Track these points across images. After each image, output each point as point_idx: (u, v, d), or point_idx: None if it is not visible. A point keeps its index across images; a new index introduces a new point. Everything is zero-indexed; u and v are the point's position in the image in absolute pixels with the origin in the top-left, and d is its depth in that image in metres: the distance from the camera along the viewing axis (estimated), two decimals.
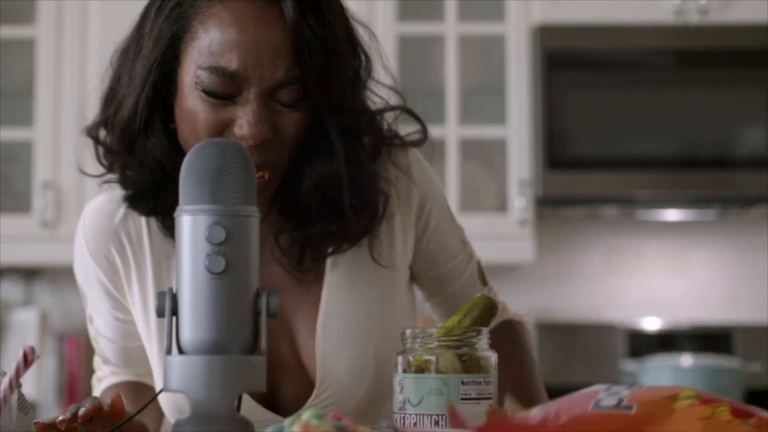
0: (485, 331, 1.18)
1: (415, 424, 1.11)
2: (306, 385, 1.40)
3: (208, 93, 1.28)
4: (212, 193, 1.03)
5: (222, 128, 1.29)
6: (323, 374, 1.38)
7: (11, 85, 3.47)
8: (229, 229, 1.02)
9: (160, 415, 1.49)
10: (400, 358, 1.16)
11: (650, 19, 3.32)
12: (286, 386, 1.41)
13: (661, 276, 3.59)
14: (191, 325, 1.03)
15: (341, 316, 1.39)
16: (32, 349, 1.03)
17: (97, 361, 1.61)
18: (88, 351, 3.80)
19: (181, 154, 1.30)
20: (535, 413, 1.02)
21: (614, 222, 3.60)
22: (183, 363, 1.02)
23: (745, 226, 3.66)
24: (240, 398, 1.06)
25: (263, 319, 1.04)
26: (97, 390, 1.59)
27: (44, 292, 3.64)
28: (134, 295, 1.42)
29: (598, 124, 3.25)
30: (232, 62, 1.26)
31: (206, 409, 1.01)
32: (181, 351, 1.04)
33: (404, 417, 1.13)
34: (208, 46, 1.28)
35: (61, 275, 3.62)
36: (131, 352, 1.51)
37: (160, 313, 1.05)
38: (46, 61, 3.38)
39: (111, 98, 1.42)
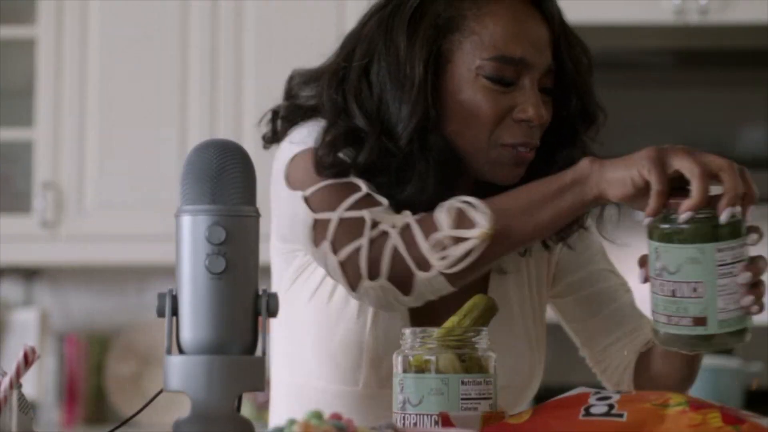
0: (485, 331, 1.18)
1: (415, 424, 1.11)
2: None
3: (494, 80, 1.39)
4: (212, 193, 1.04)
5: (504, 114, 1.40)
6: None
7: (11, 85, 3.47)
8: (229, 230, 1.03)
9: None
10: (400, 358, 1.16)
11: (650, 19, 3.32)
12: None
13: None
14: (191, 325, 1.03)
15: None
16: (32, 349, 1.03)
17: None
18: (89, 351, 3.81)
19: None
20: (526, 420, 1.03)
21: (614, 222, 3.59)
22: (183, 363, 1.02)
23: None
24: (240, 398, 1.06)
25: (263, 319, 1.05)
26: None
27: (44, 292, 3.64)
28: None
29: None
30: (516, 51, 1.40)
31: (206, 409, 1.01)
32: (181, 351, 1.04)
33: (404, 417, 1.13)
34: (490, 38, 1.40)
35: (61, 275, 3.62)
36: None
37: (160, 314, 1.05)
38: (46, 61, 3.38)
39: (363, 104, 1.42)
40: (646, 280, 1.24)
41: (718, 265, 1.16)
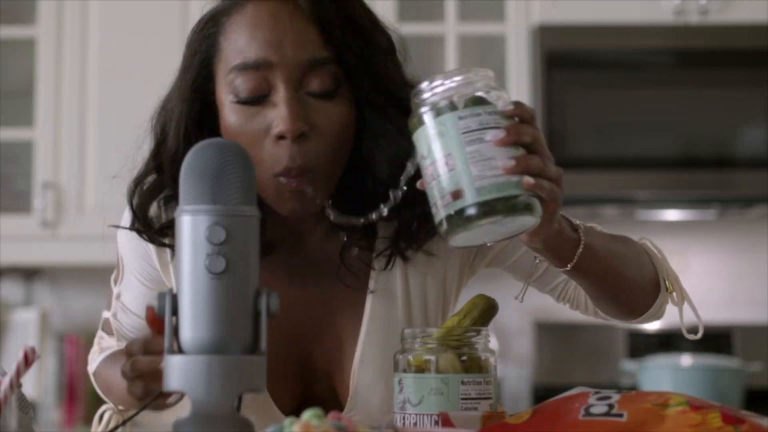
0: (485, 331, 1.18)
1: (415, 424, 1.11)
2: (334, 401, 1.40)
3: (241, 100, 1.28)
4: (212, 194, 1.04)
5: (261, 137, 1.27)
6: (353, 403, 1.38)
7: (11, 85, 3.47)
8: (229, 229, 1.03)
9: None
10: (400, 358, 1.16)
11: (650, 19, 3.32)
12: (313, 399, 1.40)
13: None
14: (191, 324, 1.03)
15: (379, 353, 1.37)
16: (32, 350, 1.03)
17: (101, 338, 1.58)
18: (88, 350, 3.80)
19: None
20: (526, 419, 1.02)
21: (614, 222, 3.59)
22: (183, 363, 1.02)
23: (745, 226, 3.66)
24: (240, 398, 1.06)
25: (263, 319, 1.05)
26: (97, 360, 1.57)
27: (44, 292, 3.64)
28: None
29: (598, 124, 3.25)
30: (252, 52, 1.27)
31: (206, 409, 1.01)
32: (181, 351, 1.04)
33: (404, 417, 1.13)
34: (232, 50, 1.29)
35: (62, 275, 3.62)
36: None
37: (160, 313, 1.05)
38: (46, 61, 3.38)
39: (160, 143, 1.41)
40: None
41: (462, 133, 1.11)
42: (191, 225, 1.03)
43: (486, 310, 1.23)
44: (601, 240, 1.31)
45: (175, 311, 1.04)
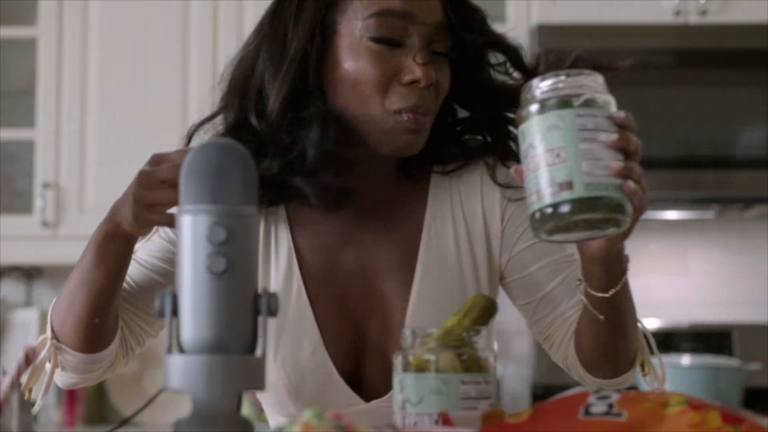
0: (485, 331, 1.18)
1: (415, 423, 1.11)
2: (389, 374, 1.43)
3: (378, 39, 1.36)
4: (213, 193, 1.04)
5: (390, 78, 1.37)
6: None
7: (12, 86, 3.48)
8: (230, 229, 1.03)
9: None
10: (400, 358, 1.16)
11: (650, 19, 3.32)
12: (370, 369, 1.45)
13: (661, 276, 3.59)
14: (192, 324, 1.03)
15: (432, 302, 1.44)
16: (33, 350, 1.04)
17: None
18: None
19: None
20: (525, 419, 1.03)
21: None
22: (183, 362, 1.02)
23: (745, 226, 3.66)
24: (240, 398, 1.06)
25: (263, 318, 1.05)
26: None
27: (45, 292, 3.64)
28: None
29: None
30: (398, 3, 1.37)
31: (206, 408, 1.02)
32: (181, 350, 1.04)
33: (404, 417, 1.13)
34: None
35: (62, 275, 3.62)
36: (134, 294, 1.50)
37: (160, 313, 1.05)
38: (46, 62, 3.38)
39: (246, 92, 1.45)
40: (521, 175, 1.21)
41: (578, 129, 1.15)
42: (192, 225, 1.03)
43: (486, 310, 1.24)
44: (628, 287, 1.38)
45: (175, 311, 1.04)
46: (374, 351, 1.46)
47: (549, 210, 1.15)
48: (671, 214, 3.54)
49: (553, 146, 1.15)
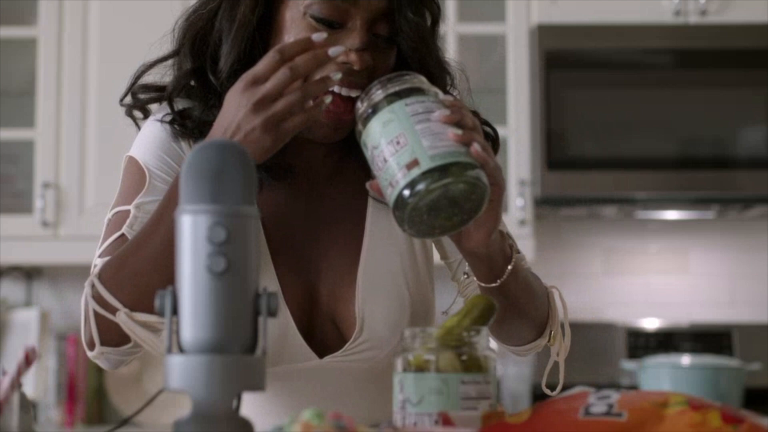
0: (485, 330, 1.18)
1: (415, 423, 1.11)
2: (338, 335, 1.47)
3: (319, 20, 1.37)
4: (213, 193, 1.04)
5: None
6: (361, 321, 1.45)
7: (12, 86, 3.48)
8: (230, 229, 1.03)
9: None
10: (400, 358, 1.16)
11: (650, 19, 3.33)
12: (319, 333, 1.47)
13: (661, 276, 3.59)
14: (192, 324, 1.03)
15: (381, 266, 1.48)
16: (33, 350, 1.04)
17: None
18: None
19: None
20: (525, 419, 1.03)
21: (614, 222, 3.60)
22: (183, 362, 1.03)
23: (745, 226, 3.66)
24: (240, 398, 1.06)
25: (263, 319, 1.05)
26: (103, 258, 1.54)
27: (44, 292, 3.64)
28: None
29: (598, 124, 3.25)
30: None
31: (206, 408, 1.02)
32: (181, 350, 1.04)
33: (404, 417, 1.13)
34: None
35: (62, 275, 3.63)
36: None
37: (160, 313, 1.05)
38: (46, 62, 3.38)
39: (203, 46, 1.48)
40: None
41: (411, 115, 1.22)
42: (192, 225, 1.03)
43: (486, 310, 1.24)
44: (522, 266, 1.42)
45: (175, 311, 1.04)
46: (325, 316, 1.48)
47: (406, 192, 1.19)
48: (671, 214, 3.54)
49: (392, 137, 1.21)
